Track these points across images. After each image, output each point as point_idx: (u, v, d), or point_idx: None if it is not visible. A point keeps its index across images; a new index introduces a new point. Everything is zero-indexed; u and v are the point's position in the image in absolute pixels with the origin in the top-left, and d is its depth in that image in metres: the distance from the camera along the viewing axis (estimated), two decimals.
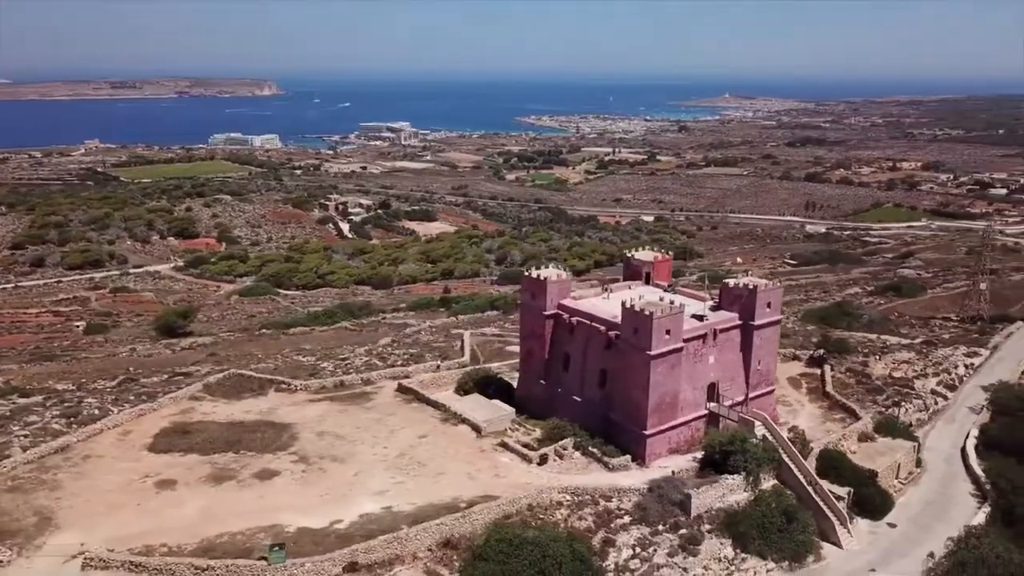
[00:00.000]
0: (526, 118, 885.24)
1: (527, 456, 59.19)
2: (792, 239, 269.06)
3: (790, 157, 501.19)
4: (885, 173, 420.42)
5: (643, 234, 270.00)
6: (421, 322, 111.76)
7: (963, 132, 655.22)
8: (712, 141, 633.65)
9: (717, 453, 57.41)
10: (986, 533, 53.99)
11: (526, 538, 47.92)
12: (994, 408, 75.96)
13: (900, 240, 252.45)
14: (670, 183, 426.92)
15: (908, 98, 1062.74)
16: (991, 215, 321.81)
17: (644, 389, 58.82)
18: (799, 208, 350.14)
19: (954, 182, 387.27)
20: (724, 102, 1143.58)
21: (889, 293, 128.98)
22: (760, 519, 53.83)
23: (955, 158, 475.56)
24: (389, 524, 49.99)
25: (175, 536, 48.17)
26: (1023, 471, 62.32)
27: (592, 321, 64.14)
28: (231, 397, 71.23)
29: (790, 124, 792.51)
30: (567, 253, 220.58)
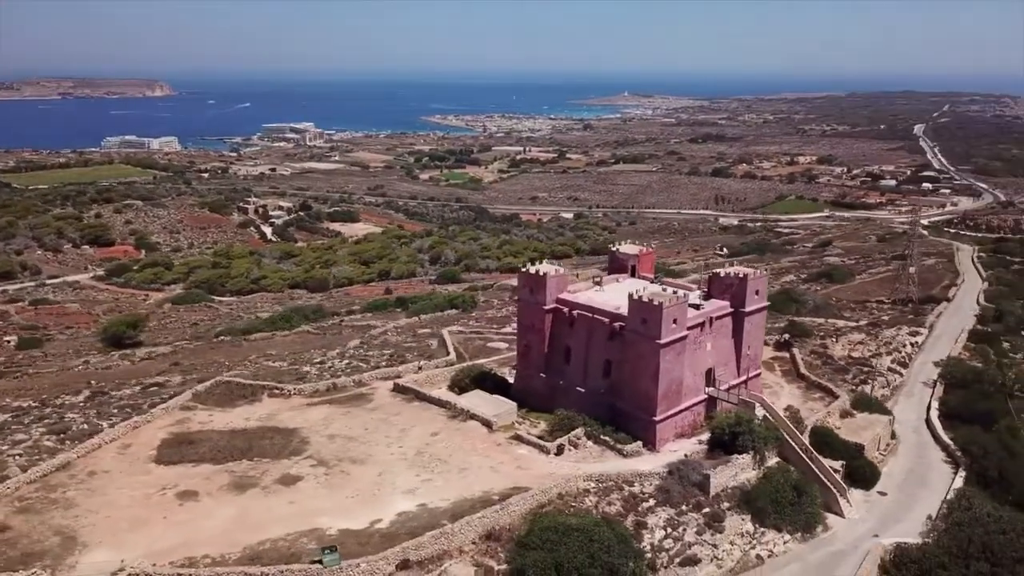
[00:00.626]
0: (432, 117, 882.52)
1: (544, 447, 60.48)
2: (708, 231, 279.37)
3: (694, 153, 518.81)
4: (785, 167, 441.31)
5: (567, 231, 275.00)
6: (384, 323, 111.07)
7: (848, 127, 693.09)
8: (617, 139, 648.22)
9: (726, 434, 60.25)
10: (975, 495, 58.90)
11: (571, 525, 49.39)
12: (947, 382, 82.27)
13: (809, 230, 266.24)
14: (583, 180, 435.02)
15: (795, 95, 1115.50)
16: (884, 205, 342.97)
17: (654, 377, 61.10)
18: (709, 202, 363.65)
19: (848, 175, 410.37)
20: (623, 100, 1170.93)
21: (822, 280, 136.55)
22: (773, 494, 57.00)
23: (845, 152, 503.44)
24: (429, 521, 50.41)
25: (214, 546, 47.25)
26: (988, 438, 67.98)
27: (594, 314, 66.04)
28: (224, 405, 69.56)
29: (689, 121, 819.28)
30: (499, 251, 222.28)
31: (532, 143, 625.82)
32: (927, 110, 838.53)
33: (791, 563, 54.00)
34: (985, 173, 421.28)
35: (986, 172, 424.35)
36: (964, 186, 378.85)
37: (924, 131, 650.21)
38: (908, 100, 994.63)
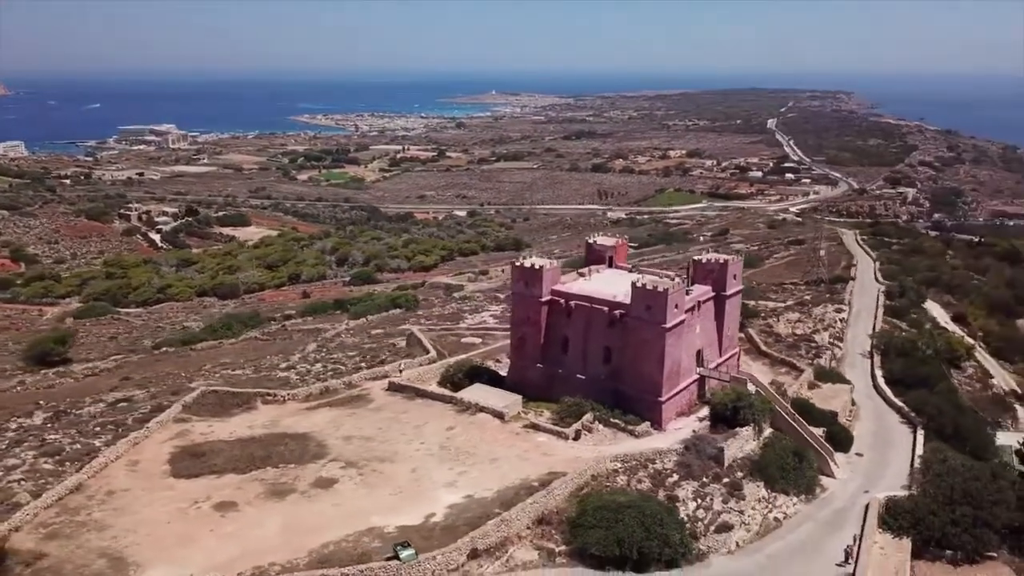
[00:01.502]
0: (300, 117, 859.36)
1: (562, 433, 62.65)
2: (601, 225, 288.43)
3: (571, 150, 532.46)
4: (658, 162, 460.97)
5: (466, 228, 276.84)
6: (333, 326, 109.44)
7: (709, 123, 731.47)
8: (493, 137, 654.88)
9: (728, 409, 64.56)
10: (946, 449, 65.97)
11: (621, 502, 51.97)
12: (883, 351, 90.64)
13: (694, 220, 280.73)
14: (467, 178, 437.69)
15: (654, 93, 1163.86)
16: (755, 195, 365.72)
17: (659, 360, 64.51)
18: (593, 197, 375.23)
19: (719, 167, 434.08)
20: (491, 99, 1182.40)
21: None
22: (779, 461, 61.72)
23: (711, 146, 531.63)
24: (481, 511, 51.61)
25: (278, 554, 46.59)
26: (937, 399, 75.93)
27: (592, 303, 68.73)
28: (220, 415, 67.42)
29: (559, 119, 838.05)
30: (406, 250, 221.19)
31: (408, 141, 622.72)
32: (774, 106, 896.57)
33: (804, 523, 58.71)
34: (836, 163, 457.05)
35: (837, 162, 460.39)
36: (821, 175, 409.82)
37: (776, 125, 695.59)
38: (756, 96, 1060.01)
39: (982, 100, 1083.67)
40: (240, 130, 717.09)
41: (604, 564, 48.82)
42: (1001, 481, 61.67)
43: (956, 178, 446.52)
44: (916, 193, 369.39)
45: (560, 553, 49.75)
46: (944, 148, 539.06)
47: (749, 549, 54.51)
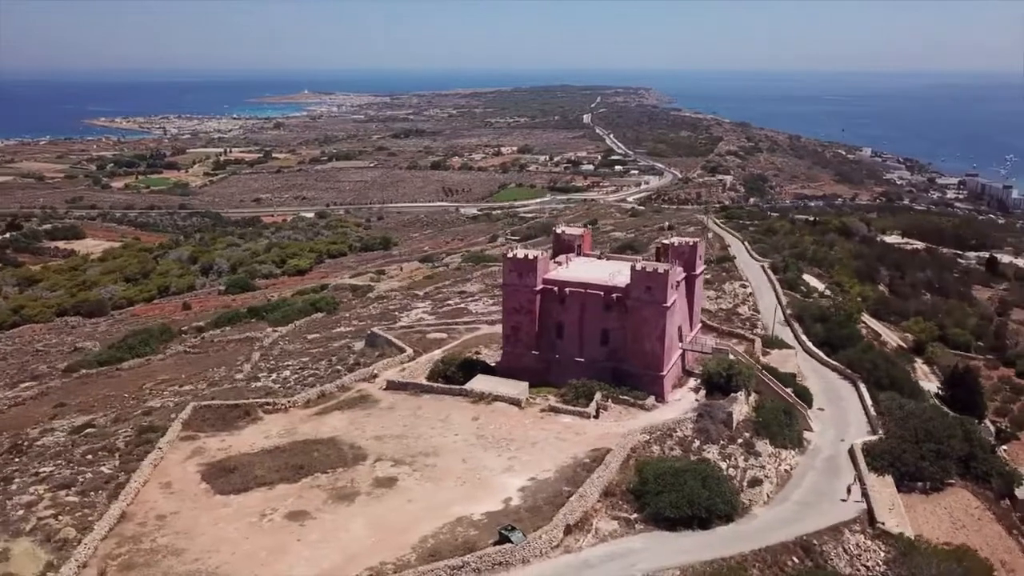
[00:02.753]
0: (96, 120, 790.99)
1: (584, 413, 65.77)
2: (459, 221, 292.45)
3: (403, 148, 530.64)
4: (493, 158, 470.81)
5: (323, 230, 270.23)
6: (263, 334, 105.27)
7: (529, 119, 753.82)
8: (317, 137, 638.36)
9: (722, 377, 70.52)
10: (896, 397, 75.72)
11: (677, 468, 56.19)
12: (798, 318, 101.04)
13: (548, 213, 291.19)
14: (303, 179, 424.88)
15: (469, 91, 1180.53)
16: (591, 187, 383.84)
17: (660, 337, 69.29)
18: (438, 194, 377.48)
19: (552, 162, 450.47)
20: (305, 98, 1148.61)
21: (627, 251, 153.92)
22: (775, 420, 68.34)
23: (538, 141, 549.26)
24: (551, 490, 53.90)
25: (382, 553, 46.54)
26: (872, 355, 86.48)
27: (587, 289, 72.24)
28: (226, 428, 64.25)
29: (380, 117, 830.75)
30: (271, 255, 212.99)
31: (227, 144, 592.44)
32: (585, 102, 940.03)
33: (807, 472, 65.53)
34: (656, 154, 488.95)
35: (656, 153, 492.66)
36: (648, 167, 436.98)
37: (592, 120, 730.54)
38: (567, 93, 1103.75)
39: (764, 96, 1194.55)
40: (28, 135, 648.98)
41: (675, 525, 52.60)
42: (948, 418, 72.16)
43: (759, 165, 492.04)
44: (733, 180, 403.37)
45: (635, 520, 52.95)
46: (744, 139, 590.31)
47: (778, 498, 60.45)
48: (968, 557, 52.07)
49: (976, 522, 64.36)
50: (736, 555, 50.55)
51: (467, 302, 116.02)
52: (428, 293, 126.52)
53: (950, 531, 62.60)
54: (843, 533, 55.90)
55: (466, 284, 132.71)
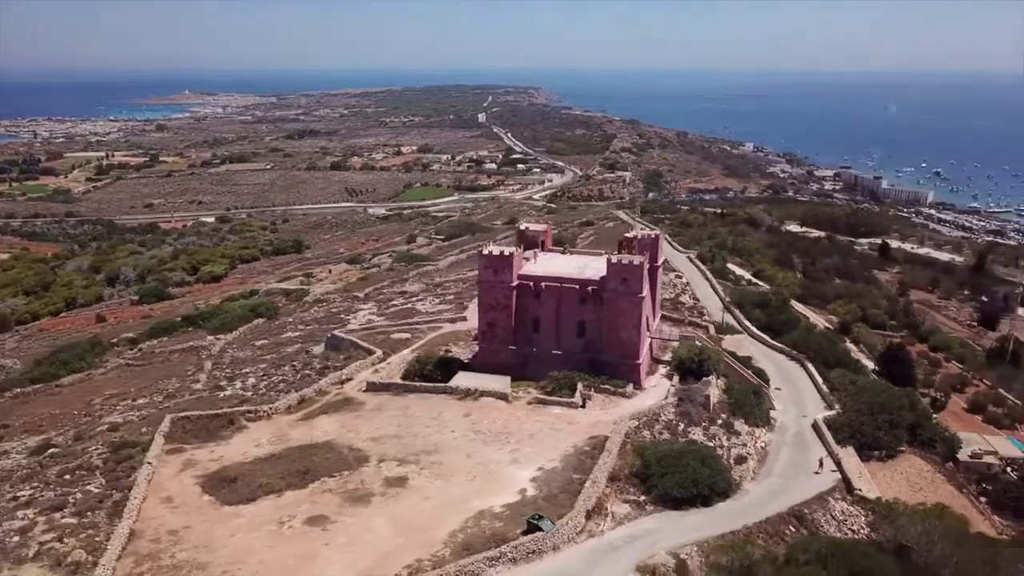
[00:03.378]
0: None
1: (573, 404, 67.52)
2: (368, 222, 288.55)
3: (298, 149, 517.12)
4: (394, 158, 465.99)
5: (228, 235, 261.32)
6: (208, 343, 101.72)
7: (424, 118, 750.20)
8: (205, 139, 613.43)
9: (694, 362, 73.80)
10: (847, 373, 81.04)
11: (676, 449, 58.83)
12: (738, 305, 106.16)
13: (459, 211, 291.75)
14: (197, 183, 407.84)
15: (360, 90, 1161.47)
16: (496, 185, 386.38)
17: (636, 327, 71.92)
18: (342, 195, 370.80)
19: (455, 161, 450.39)
20: (186, 99, 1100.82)
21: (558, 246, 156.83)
22: (747, 400, 72.10)
23: (437, 140, 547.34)
24: (561, 479, 55.41)
25: (413, 551, 46.64)
26: (812, 336, 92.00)
27: (562, 283, 74.02)
28: (212, 439, 62.34)
29: (269, 118, 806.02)
30: (180, 262, 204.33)
31: (108, 147, 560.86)
32: (477, 101, 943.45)
33: (781, 448, 69.36)
34: (555, 152, 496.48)
35: (555, 151, 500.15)
36: (549, 165, 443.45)
37: (487, 119, 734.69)
38: (459, 93, 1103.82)
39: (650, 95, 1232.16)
40: None
41: (681, 504, 55.05)
42: (895, 391, 78.02)
43: (652, 162, 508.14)
44: (632, 176, 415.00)
45: (644, 502, 55.03)
46: (636, 136, 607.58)
47: (762, 474, 63.90)
48: (945, 514, 56.89)
49: (930, 484, 69.98)
50: (741, 528, 53.42)
51: (412, 302, 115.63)
52: (369, 295, 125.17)
53: (909, 494, 67.71)
54: (828, 502, 59.87)
55: (404, 284, 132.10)
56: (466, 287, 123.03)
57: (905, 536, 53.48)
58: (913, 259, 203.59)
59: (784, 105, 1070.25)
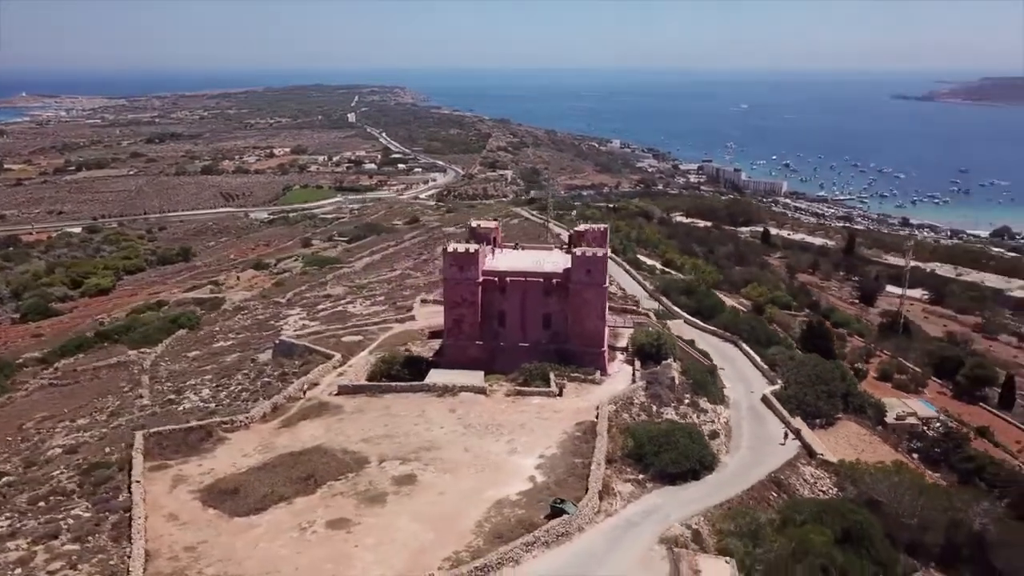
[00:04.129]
0: None
1: (551, 393, 69.48)
2: (253, 226, 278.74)
3: (162, 154, 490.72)
4: (268, 160, 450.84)
5: (102, 244, 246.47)
6: (134, 357, 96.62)
7: (291, 119, 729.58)
8: (53, 144, 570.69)
9: (653, 347, 77.46)
10: (784, 351, 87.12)
11: (664, 429, 62.00)
12: (665, 292, 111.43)
13: (349, 213, 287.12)
14: (53, 191, 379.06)
15: (219, 91, 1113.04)
16: (379, 186, 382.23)
17: (601, 316, 74.82)
18: (217, 199, 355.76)
19: (332, 162, 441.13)
20: (24, 101, 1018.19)
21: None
22: (704, 380, 76.51)
23: (310, 142, 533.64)
24: (564, 464, 57.38)
25: (450, 544, 47.10)
26: (742, 318, 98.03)
27: (527, 277, 75.85)
28: (195, 452, 59.96)
29: (122, 121, 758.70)
30: (57, 276, 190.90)
31: None
32: (343, 101, 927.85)
33: (741, 422, 73.74)
34: (433, 152, 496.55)
35: (432, 151, 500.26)
36: (429, 164, 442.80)
37: (357, 119, 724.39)
38: (322, 92, 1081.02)
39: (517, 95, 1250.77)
40: None
41: (675, 479, 58.17)
42: (827, 364, 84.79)
43: (529, 160, 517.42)
44: (513, 175, 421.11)
45: (643, 480, 57.76)
46: (509, 135, 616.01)
47: (733, 447, 68.09)
48: (903, 470, 62.94)
49: (869, 445, 76.67)
50: (734, 497, 57.27)
51: (341, 305, 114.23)
52: (291, 300, 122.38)
53: (853, 455, 73.71)
54: (797, 467, 64.77)
55: (325, 288, 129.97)
56: (393, 288, 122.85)
57: (876, 491, 58.91)
58: (791, 244, 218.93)
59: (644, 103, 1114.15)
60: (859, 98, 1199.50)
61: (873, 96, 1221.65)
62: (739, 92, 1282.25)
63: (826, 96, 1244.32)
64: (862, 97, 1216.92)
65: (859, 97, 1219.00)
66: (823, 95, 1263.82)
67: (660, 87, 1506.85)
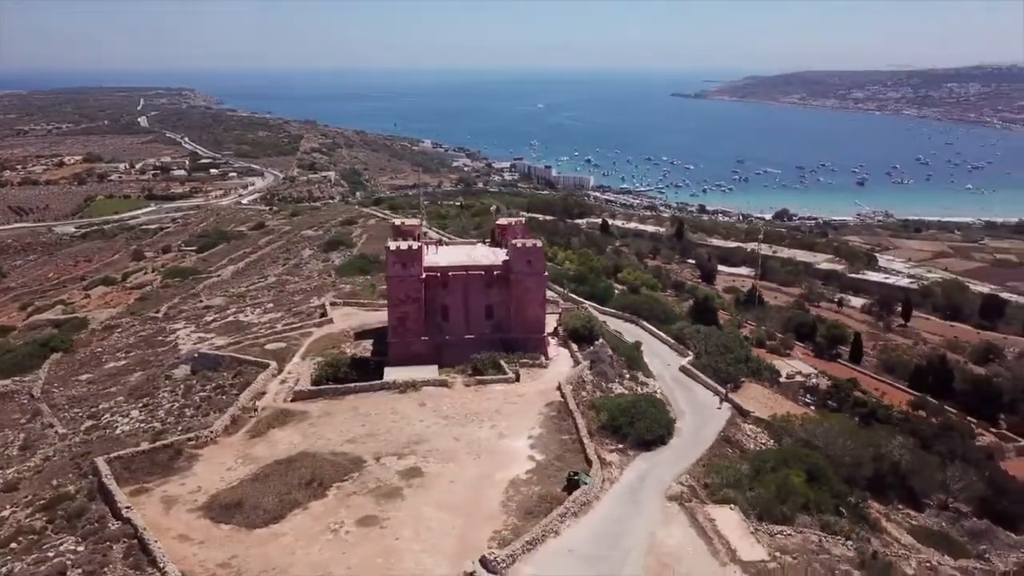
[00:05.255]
0: None
1: (508, 379, 72.19)
2: (64, 242, 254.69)
3: None
4: (60, 169, 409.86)
5: None
6: (19, 387, 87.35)
7: (73, 125, 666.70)
8: None
9: (586, 329, 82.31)
10: (688, 324, 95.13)
11: (630, 400, 67.15)
12: (557, 281, 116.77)
13: (173, 222, 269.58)
14: None
15: None
16: (194, 193, 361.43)
17: (541, 304, 78.59)
18: (6, 215, 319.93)
19: (136, 169, 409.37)
20: None
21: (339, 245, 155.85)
22: (633, 356, 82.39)
23: (105, 149, 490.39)
24: (556, 443, 60.53)
25: (486, 525, 48.80)
26: (638, 299, 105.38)
27: (468, 270, 77.93)
28: (172, 472, 56.65)
29: None
30: None
31: None
32: (126, 104, 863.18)
33: (674, 391, 79.11)
34: (245, 156, 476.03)
35: (244, 155, 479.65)
36: (244, 168, 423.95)
37: (150, 123, 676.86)
38: (103, 95, 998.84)
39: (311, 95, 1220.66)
40: None
41: (650, 445, 63.05)
42: (727, 334, 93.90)
43: (345, 160, 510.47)
44: (336, 176, 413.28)
45: (624, 448, 62.08)
46: (320, 136, 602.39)
47: (678, 413, 73.29)
48: (832, 417, 71.94)
49: (776, 402, 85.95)
50: (702, 456, 63.15)
51: (230, 315, 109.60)
52: (169, 314, 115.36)
53: (766, 412, 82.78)
54: (739, 426, 71.90)
55: (199, 299, 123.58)
56: (278, 294, 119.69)
57: (813, 437, 67.17)
58: (627, 233, 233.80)
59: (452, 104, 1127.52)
60: (644, 96, 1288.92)
61: (655, 94, 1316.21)
62: (543, 92, 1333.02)
63: (615, 95, 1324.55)
64: (646, 95, 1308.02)
65: (644, 95, 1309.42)
66: (612, 94, 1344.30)
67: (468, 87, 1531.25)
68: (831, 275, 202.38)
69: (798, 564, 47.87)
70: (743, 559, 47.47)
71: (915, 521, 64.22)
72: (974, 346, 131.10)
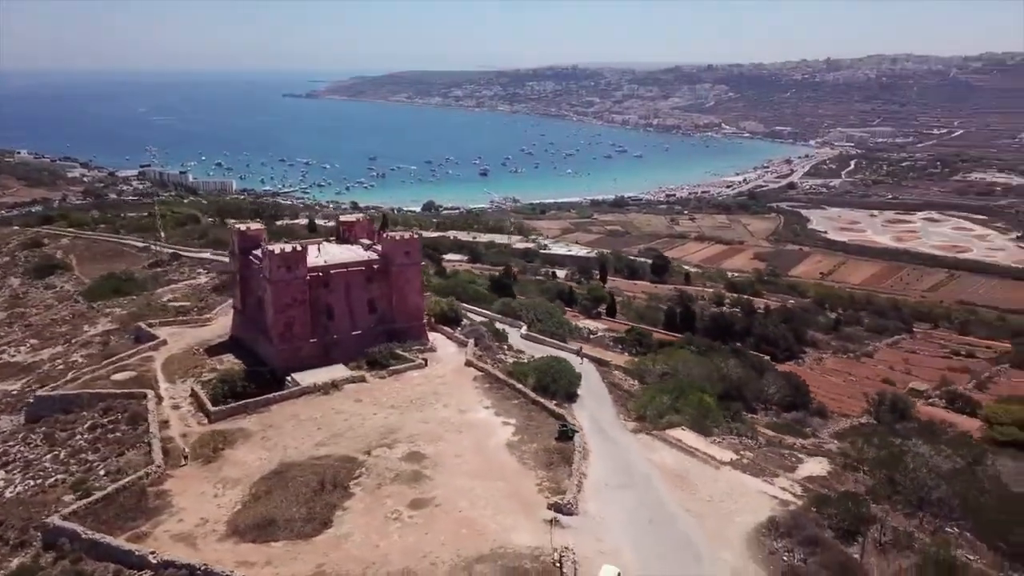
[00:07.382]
0: None
1: (419, 365, 75.02)
2: None
3: None
4: None
5: None
6: None
7: None
8: None
9: (452, 312, 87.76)
10: (509, 298, 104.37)
11: (545, 363, 74.86)
12: None
13: None
14: None
15: None
16: None
17: (420, 292, 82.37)
18: None
19: None
20: None
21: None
22: (495, 330, 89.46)
23: None
24: (516, 409, 65.91)
25: (523, 488, 53.20)
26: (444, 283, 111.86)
27: (348, 268, 78.40)
28: (152, 514, 50.51)
29: None
30: None
31: None
32: None
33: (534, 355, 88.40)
34: None
35: None
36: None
37: None
38: None
39: None
40: None
41: (573, 398, 71.46)
42: (542, 302, 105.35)
43: None
44: None
45: (559, 403, 68.79)
46: None
47: None
48: (676, 353, 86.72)
49: (601, 353, 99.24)
50: (609, 397, 73.46)
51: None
52: None
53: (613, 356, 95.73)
54: (610, 372, 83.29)
55: None
56: (42, 324, 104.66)
57: (668, 367, 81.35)
58: None
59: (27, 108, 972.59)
60: (255, 97, 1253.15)
61: (267, 95, 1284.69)
62: (141, 93, 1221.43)
63: (226, 96, 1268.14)
64: (258, 96, 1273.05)
65: (255, 96, 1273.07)
66: (223, 95, 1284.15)
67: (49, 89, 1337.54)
68: (528, 252, 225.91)
69: (757, 457, 60.70)
70: (724, 461, 58.87)
71: (760, 420, 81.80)
72: (680, 294, 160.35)
